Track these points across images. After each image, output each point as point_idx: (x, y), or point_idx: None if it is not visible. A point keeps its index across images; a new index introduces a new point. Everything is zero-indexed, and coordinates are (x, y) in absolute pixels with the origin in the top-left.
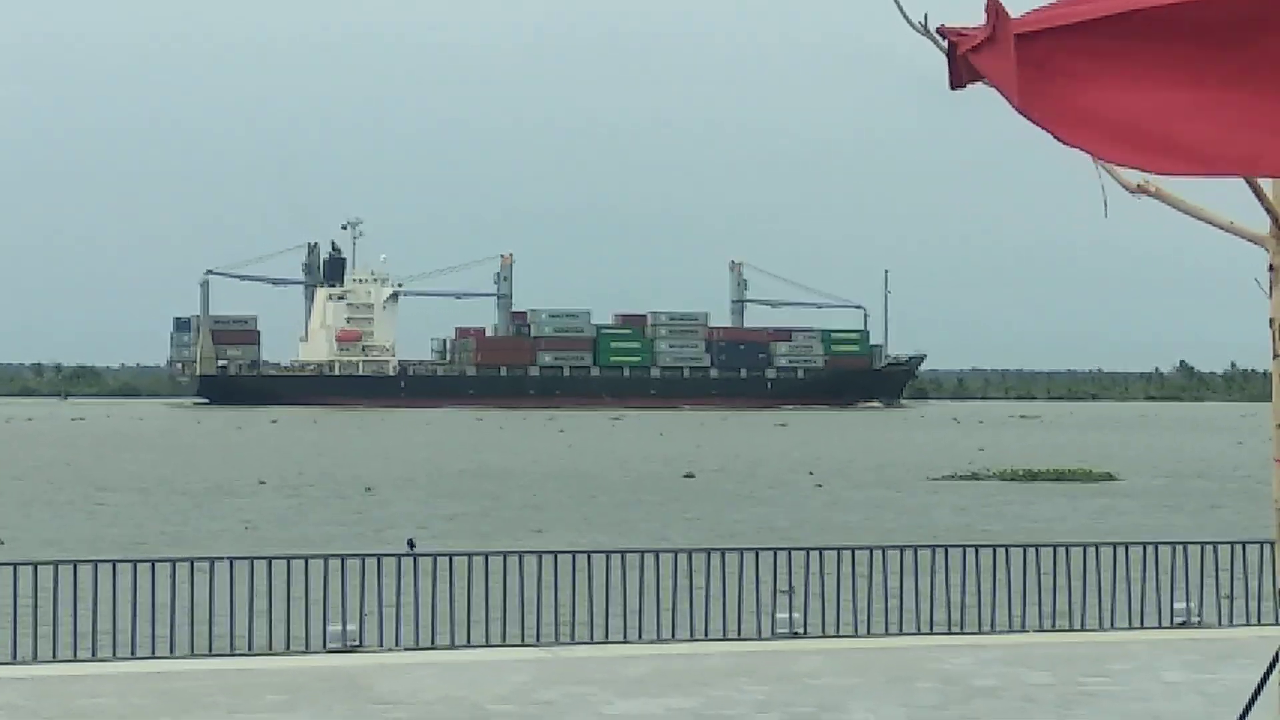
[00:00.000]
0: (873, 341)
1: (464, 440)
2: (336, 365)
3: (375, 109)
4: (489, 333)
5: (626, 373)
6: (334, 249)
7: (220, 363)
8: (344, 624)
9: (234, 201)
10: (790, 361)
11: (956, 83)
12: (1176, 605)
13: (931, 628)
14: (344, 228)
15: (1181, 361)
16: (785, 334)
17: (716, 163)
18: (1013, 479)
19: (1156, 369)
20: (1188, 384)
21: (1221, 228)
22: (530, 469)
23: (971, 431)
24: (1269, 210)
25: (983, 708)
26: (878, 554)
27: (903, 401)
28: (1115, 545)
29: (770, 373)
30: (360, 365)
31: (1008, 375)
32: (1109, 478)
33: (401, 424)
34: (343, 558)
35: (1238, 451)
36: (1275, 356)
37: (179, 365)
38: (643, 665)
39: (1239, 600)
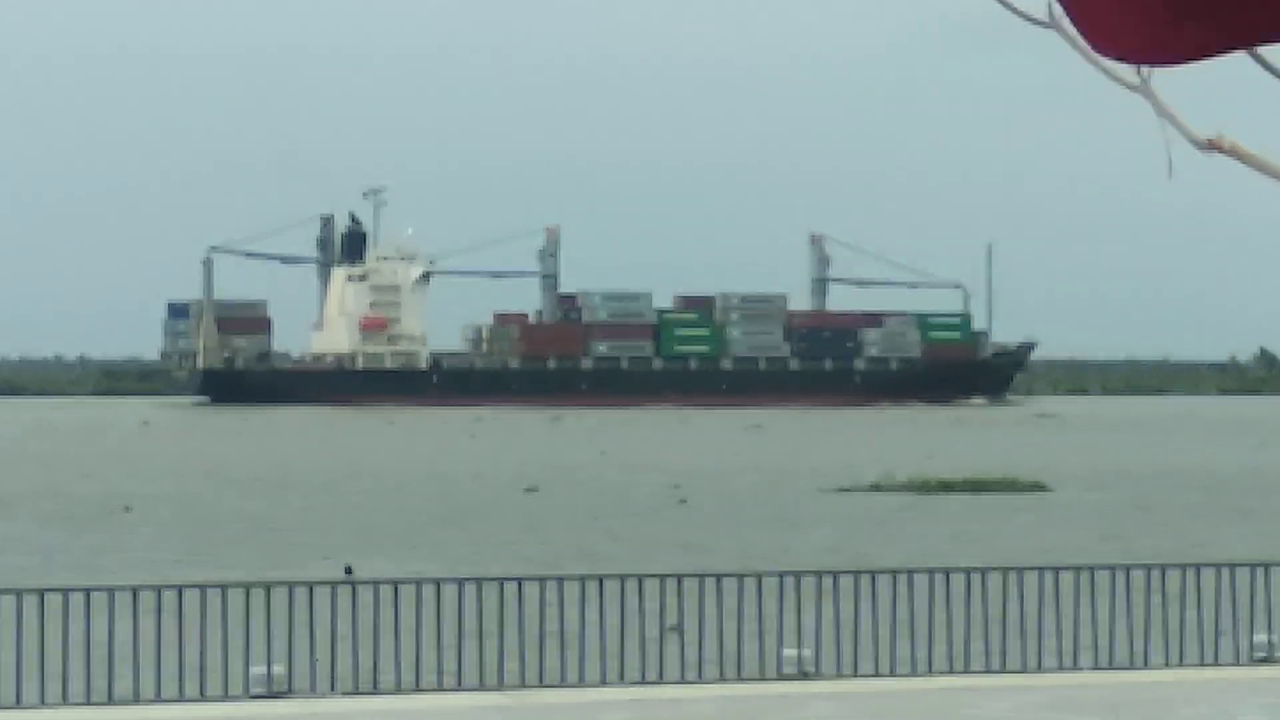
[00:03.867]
0: (975, 327)
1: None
2: (359, 358)
3: (397, 62)
4: (533, 319)
5: (693, 365)
6: (353, 220)
7: (225, 354)
8: (269, 665)
9: (235, 166)
10: (882, 351)
11: None
12: (1256, 638)
13: (966, 666)
14: (364, 196)
15: (1262, 349)
16: (875, 319)
17: (793, 121)
18: (921, 491)
19: (1233, 357)
20: (1268, 375)
21: None
22: (358, 478)
23: (957, 433)
24: None
25: None
26: (902, 579)
27: (1009, 398)
28: (1184, 567)
29: (859, 364)
30: (387, 357)
31: (1056, 366)
32: (1039, 488)
33: (336, 424)
34: (268, 586)
35: (1221, 459)
36: None
37: (174, 357)
38: (621, 712)
39: None
